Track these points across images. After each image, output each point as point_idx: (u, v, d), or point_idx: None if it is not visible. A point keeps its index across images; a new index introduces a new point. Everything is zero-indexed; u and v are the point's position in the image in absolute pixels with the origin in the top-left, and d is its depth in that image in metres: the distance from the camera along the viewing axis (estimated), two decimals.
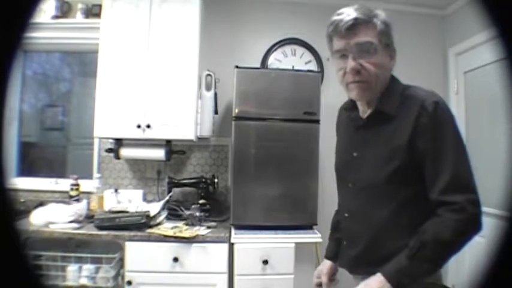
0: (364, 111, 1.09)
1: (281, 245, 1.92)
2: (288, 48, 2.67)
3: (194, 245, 1.88)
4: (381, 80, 1.01)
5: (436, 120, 0.92)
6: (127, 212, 2.01)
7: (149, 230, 1.91)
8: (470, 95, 2.57)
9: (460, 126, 0.98)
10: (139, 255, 1.87)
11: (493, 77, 2.09)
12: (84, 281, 1.86)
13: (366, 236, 1.04)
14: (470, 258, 2.34)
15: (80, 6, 2.47)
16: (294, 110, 2.09)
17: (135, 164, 2.53)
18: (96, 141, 2.53)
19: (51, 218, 1.91)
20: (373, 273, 0.94)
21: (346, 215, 1.13)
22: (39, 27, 2.27)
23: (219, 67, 2.38)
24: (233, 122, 2.08)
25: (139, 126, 2.17)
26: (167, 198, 2.17)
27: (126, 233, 1.88)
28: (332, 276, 1.24)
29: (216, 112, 2.38)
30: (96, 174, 2.46)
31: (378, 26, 0.98)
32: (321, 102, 2.13)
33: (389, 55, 1.03)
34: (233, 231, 1.99)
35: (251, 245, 1.90)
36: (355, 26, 0.96)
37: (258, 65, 2.62)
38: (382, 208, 1.00)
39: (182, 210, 2.16)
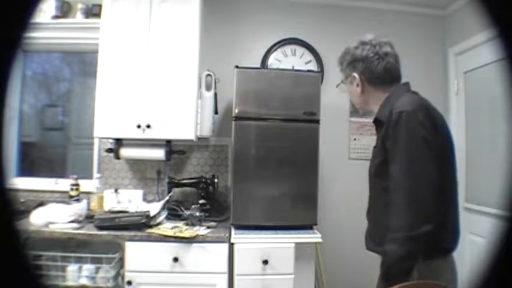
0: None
1: (281, 245, 1.92)
2: (288, 48, 2.67)
3: (194, 245, 1.88)
4: (357, 101, 1.32)
5: (396, 127, 1.08)
6: (127, 212, 2.01)
7: (149, 230, 1.91)
8: (470, 95, 2.56)
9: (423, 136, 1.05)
10: (139, 255, 1.87)
11: (493, 77, 2.09)
12: (84, 281, 1.86)
13: (371, 218, 1.28)
14: (470, 258, 2.34)
15: (80, 6, 2.47)
16: (294, 110, 2.09)
17: (135, 164, 2.53)
18: (96, 141, 2.53)
19: (51, 218, 1.91)
20: (376, 251, 1.17)
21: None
22: (39, 27, 2.27)
23: (219, 67, 2.38)
24: (233, 122, 2.08)
25: (139, 126, 2.17)
26: (167, 198, 2.17)
27: (126, 233, 1.88)
28: None
29: (216, 112, 2.38)
30: (96, 174, 2.47)
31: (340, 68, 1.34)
32: (321, 102, 2.13)
33: (350, 82, 1.30)
34: (233, 231, 1.99)
35: (251, 245, 1.90)
36: None
37: (258, 65, 2.62)
38: (375, 196, 1.24)
39: (182, 210, 2.16)
